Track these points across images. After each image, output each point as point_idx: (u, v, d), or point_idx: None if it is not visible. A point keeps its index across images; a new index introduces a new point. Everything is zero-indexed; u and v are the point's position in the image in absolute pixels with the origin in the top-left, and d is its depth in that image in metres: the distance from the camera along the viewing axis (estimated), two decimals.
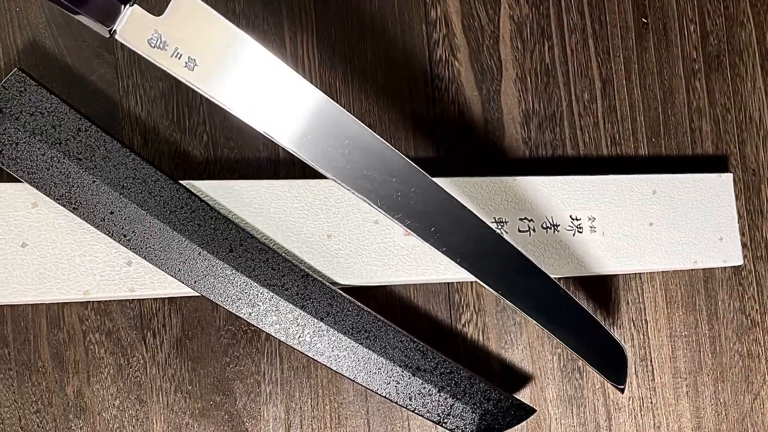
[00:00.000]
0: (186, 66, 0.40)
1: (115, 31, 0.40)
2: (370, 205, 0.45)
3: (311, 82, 0.57)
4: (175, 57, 0.40)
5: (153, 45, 0.40)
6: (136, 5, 0.40)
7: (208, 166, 0.54)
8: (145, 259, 0.46)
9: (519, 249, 0.48)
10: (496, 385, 0.53)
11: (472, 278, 0.48)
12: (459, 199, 0.55)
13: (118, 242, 0.45)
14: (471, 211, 0.47)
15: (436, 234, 0.46)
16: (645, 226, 0.60)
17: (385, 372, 0.50)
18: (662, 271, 0.64)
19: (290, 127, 0.43)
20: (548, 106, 0.64)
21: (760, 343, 0.67)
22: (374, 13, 0.60)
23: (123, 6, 0.39)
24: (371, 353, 0.49)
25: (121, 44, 0.40)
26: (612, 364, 0.53)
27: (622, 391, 0.55)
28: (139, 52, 0.40)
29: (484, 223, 0.47)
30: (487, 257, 0.48)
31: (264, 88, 0.42)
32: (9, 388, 0.49)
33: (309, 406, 0.54)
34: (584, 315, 0.52)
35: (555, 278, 0.60)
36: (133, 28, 0.39)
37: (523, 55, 0.64)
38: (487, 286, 0.48)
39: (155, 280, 0.48)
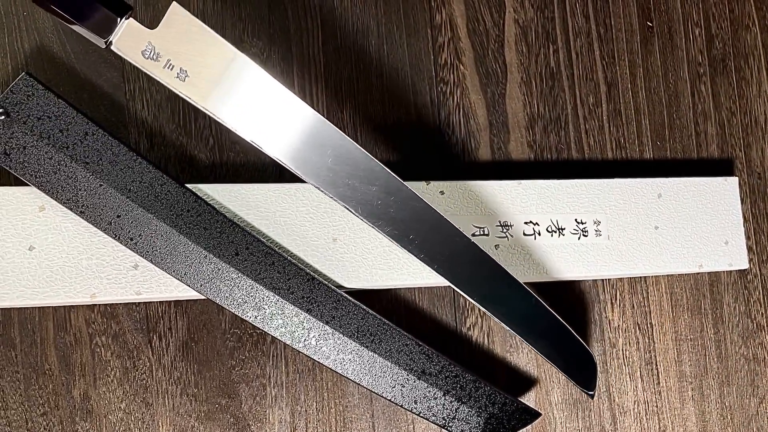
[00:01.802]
0: (177, 77, 0.42)
1: (111, 42, 0.41)
2: (351, 212, 0.46)
3: (317, 87, 0.58)
4: (168, 68, 0.42)
5: (147, 56, 0.42)
6: (131, 18, 0.41)
7: (214, 169, 0.54)
8: (152, 262, 0.46)
9: (493, 258, 0.50)
10: (501, 389, 0.53)
11: None
12: (461, 203, 0.55)
13: (125, 246, 0.46)
14: (448, 221, 0.49)
15: (414, 242, 0.48)
16: (650, 229, 0.60)
17: (390, 375, 0.50)
18: (667, 275, 0.64)
19: (276, 136, 0.44)
20: (553, 109, 0.64)
21: (765, 347, 0.67)
22: (379, 17, 0.60)
23: (119, 19, 0.41)
24: (376, 356, 0.49)
25: None
26: (582, 370, 0.55)
27: (591, 396, 0.56)
28: (133, 63, 0.42)
29: (461, 232, 0.49)
30: (463, 265, 0.50)
31: (252, 99, 0.44)
32: (16, 391, 0.49)
33: (314, 408, 0.54)
34: (556, 323, 0.53)
35: (562, 281, 0.60)
36: (128, 40, 0.41)
37: (528, 58, 0.64)
38: (462, 293, 0.50)
39: (161, 283, 0.48)
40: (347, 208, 0.46)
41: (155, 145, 0.54)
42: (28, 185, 0.45)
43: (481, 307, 0.50)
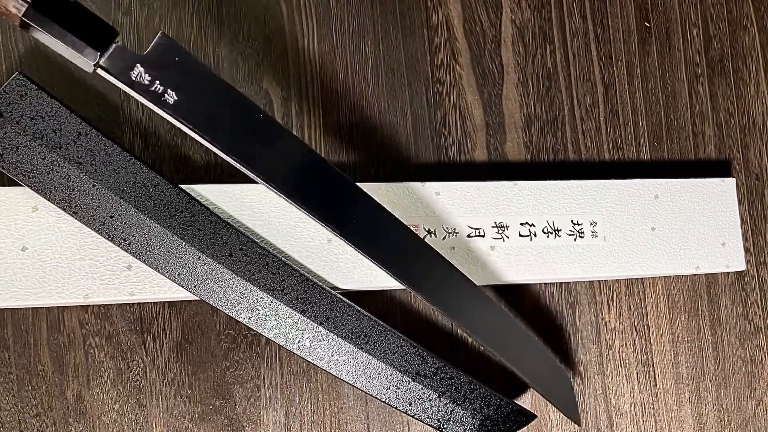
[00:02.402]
0: (163, 99, 0.43)
1: (98, 65, 0.42)
2: (327, 229, 0.48)
3: (312, 87, 0.58)
4: (155, 90, 0.43)
5: (133, 78, 0.42)
6: (119, 43, 0.42)
7: (208, 170, 0.54)
8: (145, 263, 0.46)
9: (470, 279, 0.51)
10: (497, 391, 0.53)
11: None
12: (457, 204, 0.55)
13: (118, 246, 0.45)
14: (423, 240, 0.50)
15: (391, 260, 0.49)
16: (647, 231, 0.60)
17: (385, 377, 0.50)
18: (664, 276, 0.64)
19: (260, 158, 0.46)
20: (550, 110, 0.63)
21: (763, 349, 0.67)
22: (375, 17, 0.60)
23: (107, 44, 0.41)
24: (371, 358, 0.49)
25: None
26: (561, 392, 0.56)
27: (578, 423, 0.56)
28: (120, 86, 0.42)
29: (436, 252, 0.50)
30: (439, 285, 0.50)
31: (236, 123, 0.45)
32: (9, 392, 0.49)
33: (309, 410, 0.54)
34: (533, 342, 0.54)
35: (558, 282, 0.60)
36: (115, 63, 0.42)
37: (525, 59, 0.63)
38: (445, 313, 0.51)
39: (155, 284, 0.48)
40: (327, 227, 0.48)
41: (149, 145, 0.53)
42: (21, 185, 0.45)
43: (465, 331, 0.51)
